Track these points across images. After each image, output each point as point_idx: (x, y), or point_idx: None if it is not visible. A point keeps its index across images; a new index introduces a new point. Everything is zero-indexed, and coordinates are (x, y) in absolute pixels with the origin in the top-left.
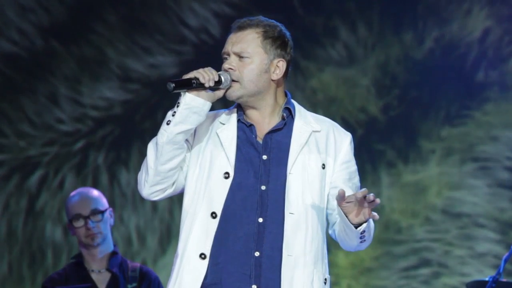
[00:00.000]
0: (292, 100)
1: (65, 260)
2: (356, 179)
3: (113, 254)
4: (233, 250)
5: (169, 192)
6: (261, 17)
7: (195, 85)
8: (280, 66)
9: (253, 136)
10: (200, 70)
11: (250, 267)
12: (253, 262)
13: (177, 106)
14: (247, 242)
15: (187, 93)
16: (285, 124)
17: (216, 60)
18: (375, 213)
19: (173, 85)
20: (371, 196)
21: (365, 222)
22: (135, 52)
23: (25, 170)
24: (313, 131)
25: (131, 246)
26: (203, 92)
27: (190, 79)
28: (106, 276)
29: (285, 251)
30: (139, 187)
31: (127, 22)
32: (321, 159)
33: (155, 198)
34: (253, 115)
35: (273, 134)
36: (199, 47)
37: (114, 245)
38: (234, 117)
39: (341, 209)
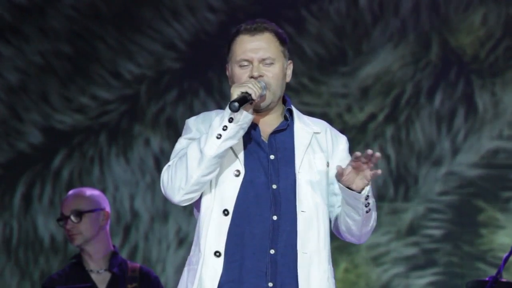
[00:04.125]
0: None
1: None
2: None
3: (113, 254)
4: (249, 247)
5: (196, 198)
6: (262, 19)
7: (250, 101)
8: (289, 68)
9: (259, 136)
10: (250, 85)
11: (266, 265)
12: (269, 259)
13: (229, 121)
14: (263, 240)
15: (243, 111)
16: (287, 125)
17: (212, 58)
18: (377, 170)
19: (237, 104)
20: (369, 151)
21: (367, 185)
22: (129, 48)
23: (18, 169)
24: (314, 132)
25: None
26: (250, 108)
27: (245, 96)
28: (106, 276)
29: (300, 248)
30: (169, 193)
31: (120, 18)
32: (325, 158)
33: (185, 204)
34: (257, 116)
35: (276, 134)
36: (194, 44)
37: (114, 246)
38: None
39: (342, 184)
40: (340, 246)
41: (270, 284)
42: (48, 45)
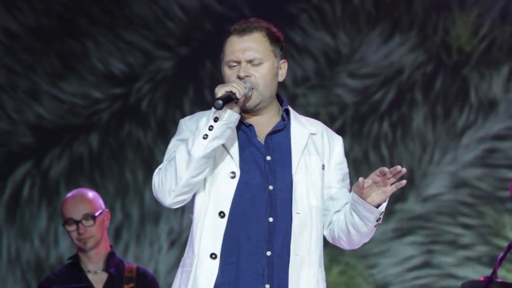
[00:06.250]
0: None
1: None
2: (348, 180)
3: (110, 255)
4: (246, 249)
5: (188, 200)
6: (255, 18)
7: (234, 100)
8: (283, 67)
9: (254, 136)
10: (234, 84)
11: (263, 267)
12: (265, 261)
13: (215, 121)
14: (259, 242)
15: (227, 109)
16: (284, 125)
17: (203, 57)
18: (402, 181)
19: (221, 102)
20: (398, 167)
21: (384, 201)
22: (120, 47)
23: (7, 168)
24: (311, 133)
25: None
26: (236, 107)
27: (230, 95)
28: (103, 276)
29: (292, 250)
30: (160, 196)
31: (111, 16)
32: (320, 160)
33: (177, 206)
34: (252, 116)
35: (273, 135)
36: (186, 43)
37: (111, 246)
38: None
39: (360, 196)
40: (334, 248)
41: (267, 286)
42: (37, 43)
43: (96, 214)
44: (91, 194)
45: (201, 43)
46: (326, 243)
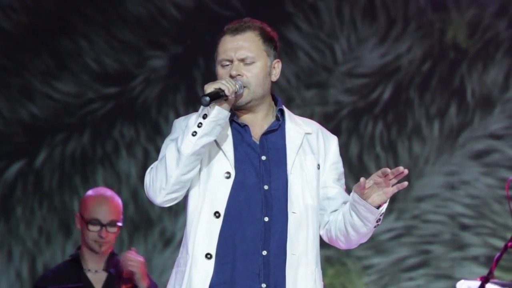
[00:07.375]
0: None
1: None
2: (344, 180)
3: (112, 255)
4: (241, 249)
5: (180, 198)
6: (249, 18)
7: (223, 97)
8: (276, 67)
9: (249, 136)
10: (223, 81)
11: (259, 266)
12: (261, 260)
13: (203, 118)
14: (255, 241)
15: (216, 106)
16: (279, 125)
17: (197, 56)
18: (403, 183)
19: (208, 98)
20: (400, 168)
21: (385, 202)
22: (113, 46)
23: (1, 167)
24: (306, 133)
25: None
26: (225, 104)
27: (218, 92)
28: (103, 276)
29: (289, 250)
30: (151, 194)
31: (105, 14)
32: (315, 159)
33: (168, 204)
34: (247, 116)
35: (268, 135)
36: (179, 42)
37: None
38: None
39: (360, 196)
40: (330, 248)
41: (264, 285)
42: (30, 41)
43: (120, 223)
44: (119, 200)
45: (195, 41)
46: (321, 244)
